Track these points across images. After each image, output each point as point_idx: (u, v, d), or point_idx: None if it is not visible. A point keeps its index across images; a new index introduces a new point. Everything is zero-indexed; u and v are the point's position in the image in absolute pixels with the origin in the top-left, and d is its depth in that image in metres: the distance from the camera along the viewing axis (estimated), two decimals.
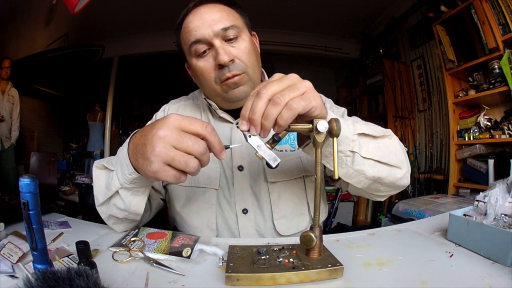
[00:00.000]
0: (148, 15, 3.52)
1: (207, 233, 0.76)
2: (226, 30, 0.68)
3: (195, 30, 0.68)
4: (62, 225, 0.75)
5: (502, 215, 0.56)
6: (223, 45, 0.68)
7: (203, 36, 0.67)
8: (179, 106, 0.88)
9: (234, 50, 0.69)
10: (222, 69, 0.68)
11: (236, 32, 0.69)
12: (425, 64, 2.92)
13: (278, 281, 0.46)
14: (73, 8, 2.67)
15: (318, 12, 3.51)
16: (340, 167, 0.55)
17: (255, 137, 0.48)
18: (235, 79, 0.69)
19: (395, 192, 0.67)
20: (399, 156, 0.62)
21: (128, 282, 0.47)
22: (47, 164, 2.57)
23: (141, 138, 0.49)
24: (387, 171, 0.59)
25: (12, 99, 3.38)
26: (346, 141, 0.53)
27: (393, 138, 0.64)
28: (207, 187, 0.76)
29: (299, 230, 0.76)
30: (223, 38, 0.68)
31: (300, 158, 0.77)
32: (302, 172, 0.77)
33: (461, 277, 0.46)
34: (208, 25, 0.67)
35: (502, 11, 1.86)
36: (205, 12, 0.69)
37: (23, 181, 0.38)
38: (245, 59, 0.70)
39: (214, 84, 0.71)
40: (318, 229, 0.50)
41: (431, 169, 2.74)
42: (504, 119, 1.99)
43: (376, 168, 0.57)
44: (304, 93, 0.44)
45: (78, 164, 4.70)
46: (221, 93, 0.72)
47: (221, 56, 0.66)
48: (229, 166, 0.76)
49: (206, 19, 0.68)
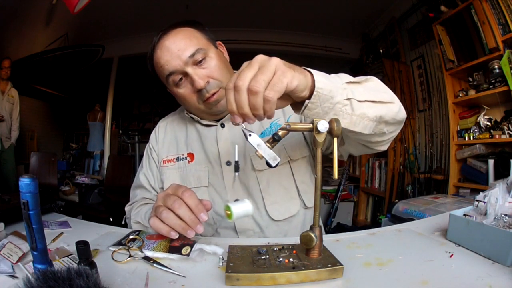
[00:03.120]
0: (148, 15, 3.51)
1: (206, 229, 0.80)
2: (193, 55, 0.73)
3: (166, 65, 0.74)
4: (62, 225, 0.75)
5: (502, 215, 0.56)
6: (195, 71, 0.74)
7: (175, 68, 0.74)
8: (167, 122, 0.95)
9: (206, 71, 0.75)
10: (200, 91, 0.74)
11: (202, 54, 0.74)
12: (425, 64, 2.91)
13: (278, 281, 0.46)
14: (73, 8, 2.67)
15: (318, 12, 3.50)
16: (343, 118, 0.55)
17: (255, 136, 0.49)
18: (215, 97, 0.76)
19: (397, 131, 0.67)
20: (388, 92, 0.63)
21: (128, 282, 0.47)
22: (47, 164, 2.57)
23: None
24: (385, 108, 0.60)
25: (12, 99, 3.38)
26: (339, 90, 0.54)
27: (375, 80, 0.65)
28: (198, 186, 0.82)
29: (292, 214, 0.81)
30: (193, 63, 0.74)
31: (284, 145, 0.81)
32: (286, 157, 0.81)
33: (461, 277, 0.46)
34: (176, 56, 0.73)
35: (502, 11, 1.86)
36: (170, 44, 0.74)
37: (23, 181, 0.38)
38: (218, 76, 0.76)
39: (197, 104, 0.78)
40: (318, 229, 0.51)
41: (431, 169, 2.74)
42: (504, 119, 1.99)
43: (374, 108, 0.58)
44: (275, 72, 0.45)
45: (78, 164, 4.70)
46: (206, 110, 0.79)
47: (196, 83, 0.73)
48: (217, 163, 0.82)
49: (173, 51, 0.73)
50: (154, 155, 0.91)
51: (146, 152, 0.94)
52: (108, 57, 4.18)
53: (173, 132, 0.91)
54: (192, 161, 0.84)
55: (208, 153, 0.83)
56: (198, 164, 0.83)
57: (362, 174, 3.47)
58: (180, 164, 0.85)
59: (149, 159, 0.92)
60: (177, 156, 0.86)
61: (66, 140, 5.55)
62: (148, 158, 0.92)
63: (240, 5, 3.35)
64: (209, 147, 0.83)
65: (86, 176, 3.59)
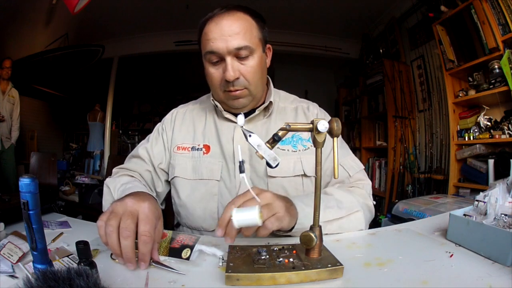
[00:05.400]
0: (148, 15, 3.51)
1: (209, 222, 0.81)
2: (240, 49, 0.73)
3: (212, 42, 0.73)
4: (62, 225, 0.75)
5: (502, 215, 0.56)
6: (232, 62, 0.73)
7: (217, 50, 0.73)
8: (186, 109, 0.94)
9: (242, 67, 0.75)
10: (227, 82, 0.75)
11: (248, 52, 0.74)
12: (425, 64, 2.91)
13: (278, 281, 0.46)
14: (73, 8, 2.67)
15: (318, 12, 3.50)
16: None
17: (256, 137, 0.49)
18: (237, 93, 0.77)
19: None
20: (360, 226, 0.71)
21: (128, 282, 0.47)
22: (47, 164, 2.57)
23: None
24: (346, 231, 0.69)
25: (13, 100, 3.37)
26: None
27: (360, 212, 0.71)
28: (210, 179, 0.82)
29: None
30: (235, 55, 0.73)
31: (301, 160, 0.81)
32: (301, 171, 0.81)
33: (461, 277, 0.46)
34: (224, 39, 0.72)
35: (502, 11, 1.86)
36: (226, 25, 0.72)
37: (23, 181, 0.38)
38: (250, 77, 0.76)
39: (219, 90, 0.79)
40: (318, 229, 0.51)
41: (431, 169, 2.74)
42: (504, 119, 1.98)
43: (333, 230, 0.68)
44: (276, 213, 0.55)
45: (78, 164, 4.70)
46: (224, 100, 0.80)
47: (227, 73, 0.73)
48: (231, 160, 0.82)
49: (225, 33, 0.72)
50: (165, 136, 0.90)
51: (157, 130, 0.93)
52: (108, 57, 4.18)
53: (192, 120, 0.90)
54: (208, 153, 0.84)
55: (223, 148, 0.83)
56: (212, 157, 0.83)
57: None
58: (195, 154, 0.84)
59: (158, 138, 0.90)
60: (193, 146, 0.86)
61: (66, 140, 5.55)
62: (157, 136, 0.91)
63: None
64: (225, 143, 0.83)
65: (86, 176, 3.58)
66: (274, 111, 0.86)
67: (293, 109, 0.89)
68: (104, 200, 0.79)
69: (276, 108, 0.87)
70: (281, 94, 0.93)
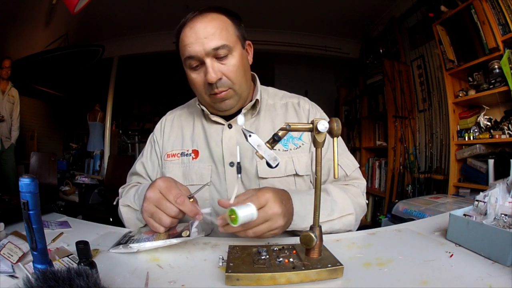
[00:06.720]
0: (148, 15, 3.51)
1: (204, 227, 0.80)
2: (217, 49, 0.72)
3: (189, 46, 0.73)
4: (62, 225, 0.75)
5: (502, 215, 0.56)
6: (212, 64, 0.73)
7: (195, 54, 0.72)
8: (174, 115, 0.95)
9: (223, 67, 0.74)
10: (210, 85, 0.74)
11: (226, 51, 0.73)
12: (425, 64, 2.91)
13: (278, 281, 0.46)
14: (73, 8, 2.67)
15: (318, 12, 3.50)
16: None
17: (255, 137, 0.49)
18: (222, 95, 0.76)
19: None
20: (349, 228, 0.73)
21: (128, 282, 0.47)
22: (47, 164, 2.57)
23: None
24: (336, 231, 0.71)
25: (13, 99, 3.37)
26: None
27: (352, 215, 0.73)
28: (200, 184, 0.81)
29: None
30: (214, 56, 0.73)
31: (292, 159, 0.81)
32: (292, 171, 0.81)
33: (461, 277, 0.46)
34: (200, 42, 0.71)
35: (502, 11, 1.86)
36: (200, 27, 0.72)
37: (23, 181, 0.38)
38: (232, 76, 0.75)
39: (204, 94, 0.78)
40: (318, 229, 0.51)
41: (431, 169, 2.74)
42: (504, 119, 1.98)
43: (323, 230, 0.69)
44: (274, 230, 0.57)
45: (78, 164, 4.69)
46: (211, 103, 0.80)
47: (209, 76, 0.72)
48: (221, 163, 0.82)
49: (200, 36, 0.71)
50: (157, 147, 0.91)
51: (150, 142, 0.94)
52: (108, 57, 4.17)
53: (180, 126, 0.91)
54: (196, 158, 0.84)
55: (212, 152, 0.83)
56: (201, 162, 0.83)
57: (362, 174, 3.47)
58: (184, 160, 0.85)
59: (152, 150, 0.92)
60: (182, 152, 0.86)
61: (66, 140, 5.53)
62: (151, 148, 0.92)
63: (240, 5, 3.34)
64: (214, 146, 0.83)
65: (86, 176, 3.58)
66: (262, 108, 0.86)
67: (283, 105, 0.88)
68: (127, 218, 0.79)
69: (264, 105, 0.86)
70: (269, 90, 0.92)
